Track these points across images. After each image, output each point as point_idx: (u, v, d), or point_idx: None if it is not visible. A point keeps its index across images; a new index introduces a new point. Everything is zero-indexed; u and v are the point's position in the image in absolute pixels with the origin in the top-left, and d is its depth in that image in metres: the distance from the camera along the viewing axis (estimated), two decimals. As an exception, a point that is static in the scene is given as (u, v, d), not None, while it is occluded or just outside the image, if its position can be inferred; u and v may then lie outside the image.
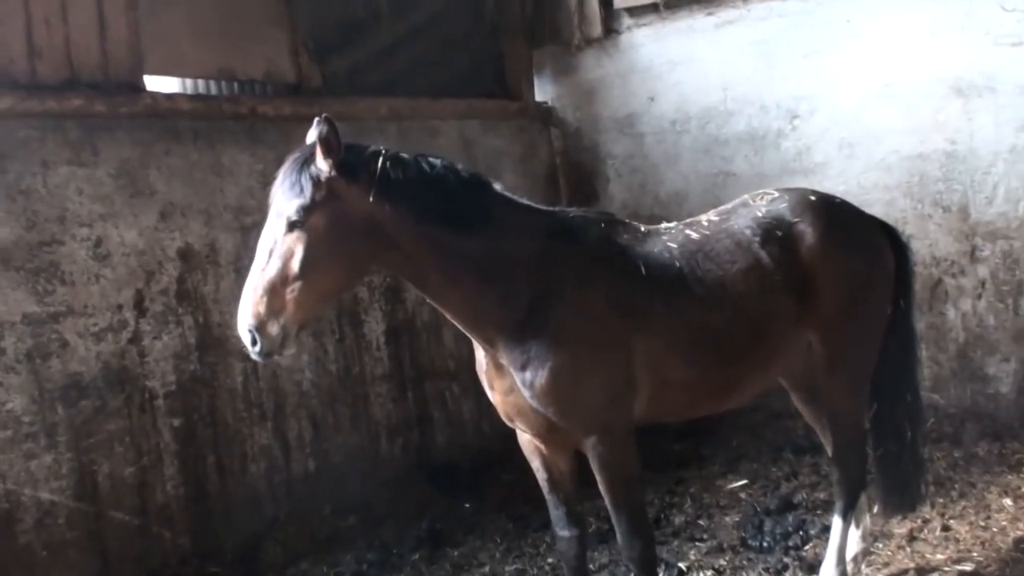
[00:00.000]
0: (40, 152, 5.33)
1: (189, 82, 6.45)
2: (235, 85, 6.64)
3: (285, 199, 3.76)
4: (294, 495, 6.40)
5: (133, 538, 5.59)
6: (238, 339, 5.88)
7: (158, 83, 6.15)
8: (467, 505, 6.77)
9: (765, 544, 5.80)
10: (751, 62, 7.95)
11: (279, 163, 6.20)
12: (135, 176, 5.73)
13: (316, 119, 3.78)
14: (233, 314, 5.87)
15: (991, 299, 7.21)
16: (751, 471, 6.97)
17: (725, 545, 5.85)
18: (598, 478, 4.23)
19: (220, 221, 6.14)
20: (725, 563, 5.62)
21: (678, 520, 6.25)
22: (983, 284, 7.21)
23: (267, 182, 6.20)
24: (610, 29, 8.52)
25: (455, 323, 4.12)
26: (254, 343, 3.69)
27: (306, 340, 6.53)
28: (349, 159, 3.80)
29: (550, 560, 5.88)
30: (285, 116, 6.47)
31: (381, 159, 3.85)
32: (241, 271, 5.95)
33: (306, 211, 3.71)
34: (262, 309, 3.67)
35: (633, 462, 4.27)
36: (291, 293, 3.70)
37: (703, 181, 8.11)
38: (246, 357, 5.91)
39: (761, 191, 4.95)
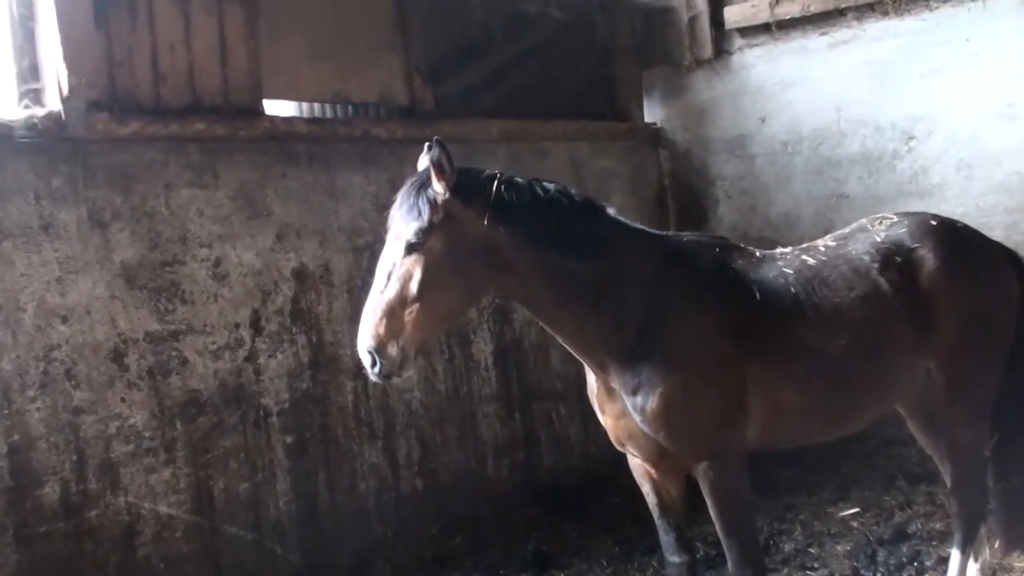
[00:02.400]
0: (163, 175, 5.50)
1: (305, 105, 6.59)
2: (349, 108, 6.75)
3: (403, 222, 3.80)
4: (402, 513, 6.47)
5: (246, 553, 5.70)
6: (350, 358, 6.09)
7: (276, 107, 6.29)
8: (574, 528, 6.74)
9: (879, 575, 5.67)
10: (865, 82, 7.84)
11: (392, 185, 6.38)
12: (253, 198, 5.87)
13: (428, 143, 3.81)
14: (345, 333, 6.06)
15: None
16: (863, 499, 6.82)
17: (837, 575, 5.72)
18: (709, 503, 4.18)
19: (334, 242, 6.26)
20: (837, 592, 5.52)
21: (787, 548, 6.13)
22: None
23: (380, 204, 6.39)
24: (721, 50, 8.48)
25: (566, 346, 4.12)
26: (374, 364, 3.72)
27: (416, 358, 6.59)
28: (464, 182, 3.84)
29: (658, 584, 5.83)
30: (398, 138, 6.58)
31: (496, 182, 3.88)
32: (353, 291, 6.12)
33: (424, 234, 3.74)
34: (382, 331, 3.70)
35: (744, 488, 4.21)
36: (410, 315, 3.74)
37: (815, 203, 7.99)
38: (357, 376, 6.10)
39: (880, 215, 4.85)
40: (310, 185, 6.16)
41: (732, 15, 8.34)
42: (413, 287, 3.75)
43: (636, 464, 4.44)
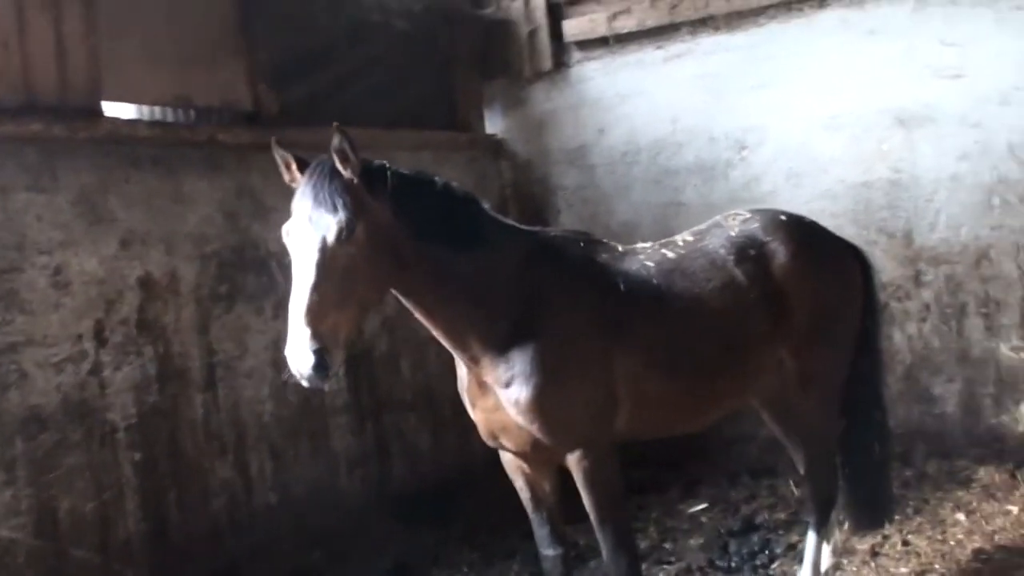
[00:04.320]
0: (-4, 178, 5.20)
1: (146, 109, 6.34)
2: (192, 113, 6.54)
3: (322, 214, 3.68)
4: (256, 530, 6.25)
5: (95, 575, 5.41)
6: (198, 370, 5.89)
7: (115, 109, 6.04)
8: (430, 537, 6.72)
9: (733, 564, 5.96)
10: (700, 95, 8.09)
11: (238, 192, 6.24)
12: (95, 203, 5.59)
13: (335, 132, 3.75)
14: (194, 344, 5.86)
15: (935, 322, 7.39)
16: (710, 495, 7.13)
17: (693, 567, 5.94)
18: (583, 493, 4.24)
19: (181, 250, 6.02)
20: (696, 583, 5.67)
21: (644, 544, 6.27)
22: (927, 308, 7.40)
23: (226, 211, 6.24)
24: (560, 63, 8.61)
25: (442, 341, 4.09)
26: (320, 366, 3.53)
27: (267, 371, 6.43)
28: (366, 170, 3.79)
29: (518, 588, 5.85)
30: (243, 144, 6.40)
31: (390, 172, 3.83)
32: (202, 300, 5.93)
33: (348, 226, 3.64)
34: (323, 329, 3.54)
35: (616, 477, 4.29)
36: (343, 310, 3.64)
37: (653, 211, 8.19)
38: (206, 388, 5.91)
39: (733, 212, 5.05)
40: (155, 190, 5.92)
41: (571, 29, 8.49)
42: (347, 281, 3.64)
43: (509, 459, 4.45)
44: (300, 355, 3.52)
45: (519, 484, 4.49)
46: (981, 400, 7.27)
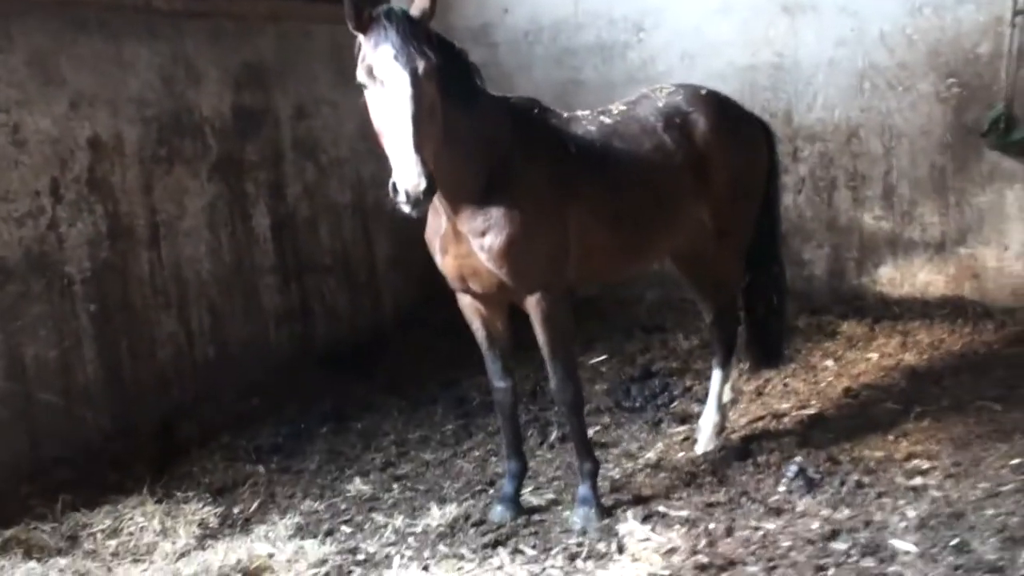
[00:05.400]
0: (-45, 36, 5.33)
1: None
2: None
3: (410, 55, 3.98)
4: (199, 379, 6.67)
5: (59, 418, 5.75)
6: (144, 228, 6.18)
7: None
8: (359, 388, 7.20)
9: (637, 404, 6.59)
10: (601, -23, 8.54)
11: (174, 58, 6.45)
12: (47, 64, 5.76)
13: None
14: (139, 204, 6.14)
15: (809, 194, 8.18)
16: (608, 349, 7.68)
17: (602, 407, 6.56)
18: (538, 330, 4.76)
19: (125, 113, 6.24)
20: (609, 420, 6.36)
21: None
22: (803, 181, 8.17)
23: (164, 76, 6.44)
24: (466, -60, 8.91)
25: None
26: (431, 189, 3.89)
27: (204, 231, 6.75)
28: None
29: (449, 427, 6.43)
30: (177, 11, 6.58)
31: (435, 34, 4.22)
32: (144, 162, 6.18)
33: (434, 65, 4.03)
34: (426, 155, 3.91)
35: (569, 318, 4.84)
36: (432, 141, 4.06)
37: (554, 89, 8.59)
38: (151, 246, 6.21)
39: (658, 86, 5.60)
40: (100, 54, 6.09)
41: (476, -92, 8.78)
42: (433, 115, 4.05)
43: (467, 303, 4.96)
44: (415, 179, 3.86)
45: (475, 325, 5.01)
46: (846, 264, 8.15)
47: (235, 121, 7.07)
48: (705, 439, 5.69)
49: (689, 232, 5.36)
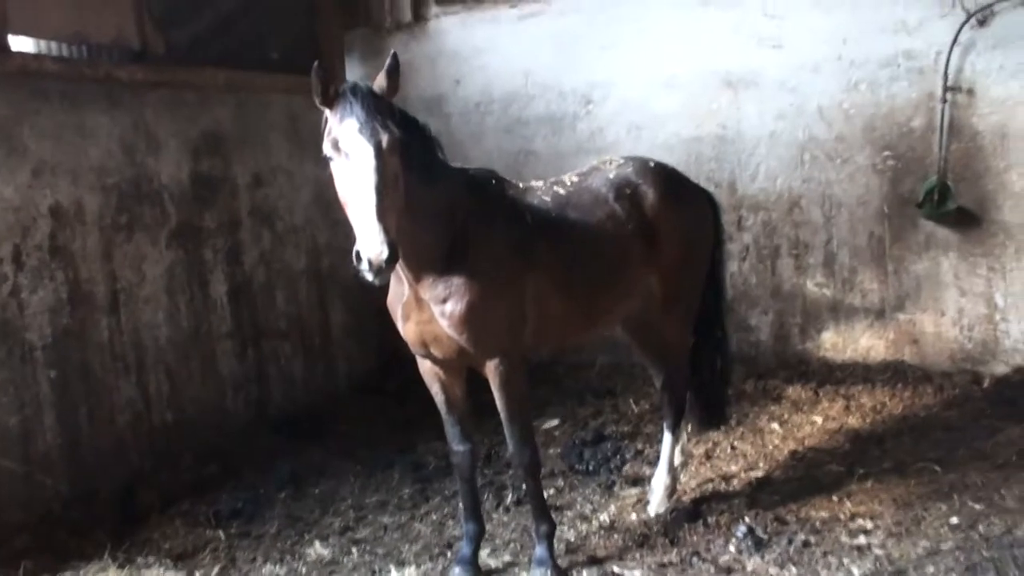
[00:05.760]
0: (-80, 108, 5.42)
1: (43, 44, 6.55)
2: (84, 49, 6.77)
3: (374, 129, 4.13)
4: (157, 445, 6.72)
5: (18, 485, 5.78)
6: (103, 295, 6.26)
7: (18, 43, 6.25)
8: (315, 453, 7.25)
9: (590, 468, 6.70)
10: (551, 52, 8.83)
11: (135, 127, 6.56)
12: (10, 134, 5.87)
13: (390, 59, 4.30)
14: (99, 271, 6.21)
15: (753, 261, 8.48)
16: (560, 414, 7.84)
17: (556, 471, 6.68)
18: (497, 395, 4.89)
19: (85, 181, 6.34)
20: (563, 483, 6.47)
21: (506, 454, 6.99)
22: (747, 249, 8.46)
23: (125, 145, 6.56)
24: (419, 16, 9.17)
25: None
26: (393, 257, 4.00)
27: (163, 297, 6.83)
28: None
29: (406, 491, 6.51)
30: (137, 81, 6.74)
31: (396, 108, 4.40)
32: (104, 229, 6.26)
33: (397, 138, 4.18)
34: (389, 225, 4.03)
35: (525, 383, 4.97)
36: (395, 212, 4.17)
37: (506, 158, 8.87)
38: (110, 312, 6.29)
39: (608, 158, 5.82)
40: (62, 124, 6.21)
41: (430, -17, 9.08)
42: (396, 187, 4.18)
43: (427, 368, 5.09)
44: (377, 247, 3.98)
45: (435, 389, 5.14)
46: (790, 329, 8.42)
47: (194, 189, 7.19)
48: (657, 501, 5.83)
49: (639, 299, 5.56)
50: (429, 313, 4.70)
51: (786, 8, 8.10)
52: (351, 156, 4.14)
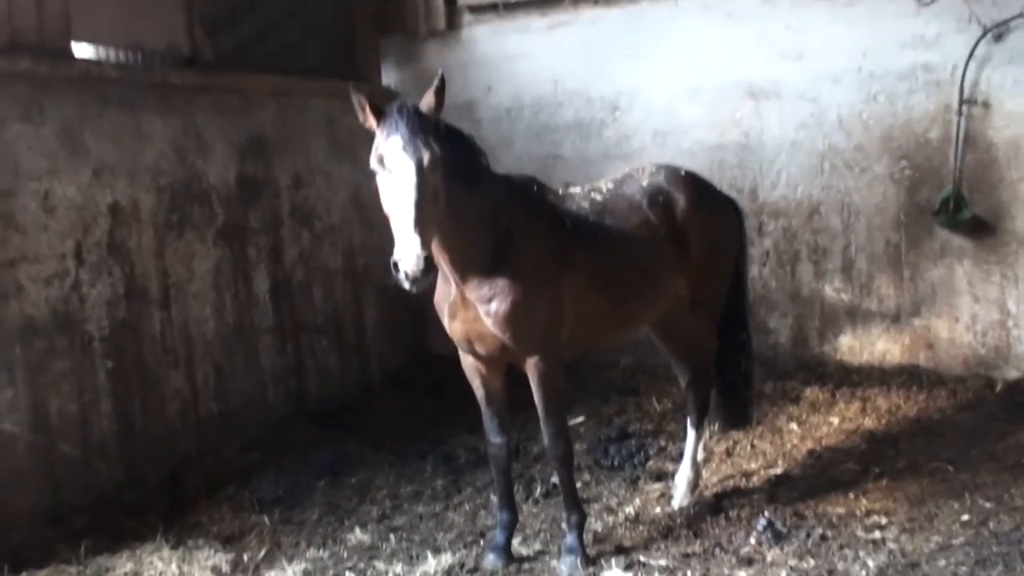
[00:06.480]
0: (-6, 109, 5.76)
1: (101, 50, 6.87)
2: (139, 55, 7.09)
3: (416, 147, 4.42)
4: (203, 434, 7.05)
5: (78, 469, 6.12)
6: (156, 289, 6.56)
7: (81, 50, 6.58)
8: (350, 444, 7.55)
9: (615, 463, 6.96)
10: (579, 60, 9.11)
11: (185, 129, 6.87)
12: (73, 136, 6.20)
13: (437, 79, 4.67)
14: (152, 267, 6.54)
15: (773, 266, 8.74)
16: (586, 411, 8.10)
17: (582, 466, 6.91)
18: (536, 390, 5.20)
19: (141, 181, 6.68)
20: (589, 477, 6.74)
21: (535, 449, 7.23)
22: (768, 254, 8.73)
23: (176, 147, 6.88)
24: (453, 24, 9.46)
25: (444, 262, 4.88)
26: (428, 269, 4.30)
27: (210, 293, 7.15)
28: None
29: (439, 482, 6.81)
30: (189, 86, 7.08)
31: (443, 122, 4.71)
32: (158, 228, 6.58)
33: (438, 156, 4.46)
34: (426, 238, 4.33)
35: (562, 378, 5.28)
36: (433, 225, 4.47)
37: (535, 163, 9.07)
38: (162, 306, 6.61)
39: (641, 166, 6.11)
40: (121, 126, 6.53)
41: (464, -6, 9.38)
42: (435, 201, 4.47)
43: (469, 363, 5.38)
44: (413, 259, 4.28)
45: (476, 384, 5.43)
46: (808, 332, 8.69)
47: (239, 189, 7.52)
48: (681, 494, 6.11)
49: (668, 301, 5.84)
50: (474, 312, 5.00)
51: (807, 21, 8.37)
52: (394, 172, 4.44)
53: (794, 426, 7.41)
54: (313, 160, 8.35)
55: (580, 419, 7.93)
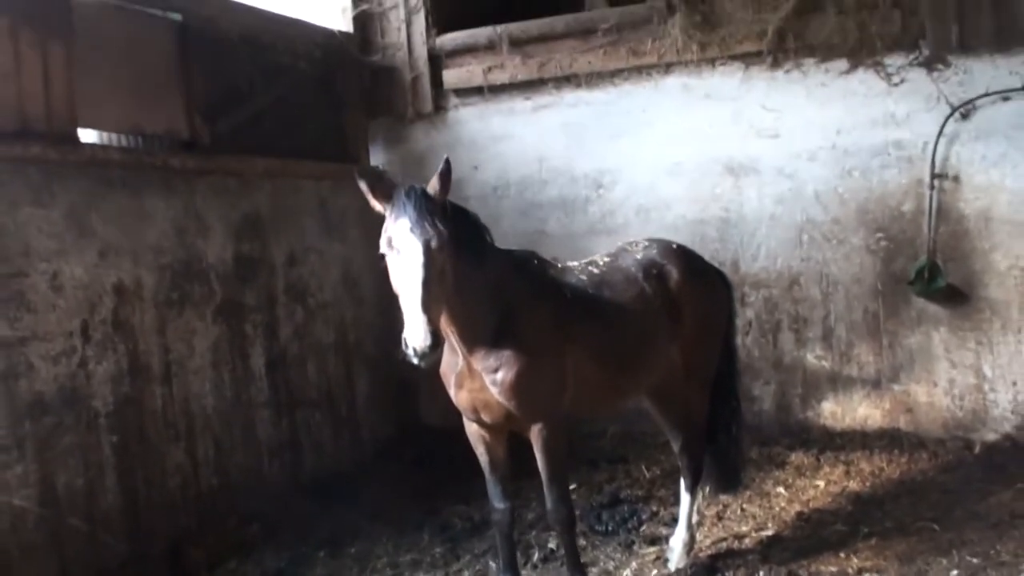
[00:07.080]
0: (7, 193, 5.94)
1: (104, 135, 7.08)
2: (139, 139, 7.31)
3: (424, 229, 4.60)
4: (203, 507, 7.14)
5: (84, 542, 6.19)
6: (157, 365, 6.72)
7: (84, 135, 6.79)
8: (347, 516, 7.65)
9: (609, 528, 7.12)
10: (563, 140, 9.46)
11: (185, 211, 7.08)
12: (80, 218, 6.38)
13: (443, 164, 4.81)
14: (154, 344, 6.69)
15: (756, 335, 8.99)
16: (576, 479, 8.21)
17: (576, 531, 7.03)
18: (539, 456, 5.37)
19: (143, 261, 6.85)
20: (584, 543, 6.86)
21: (529, 516, 7.42)
22: (750, 324, 8.98)
23: (177, 227, 7.07)
24: (439, 106, 9.78)
25: (452, 335, 5.07)
26: (435, 345, 4.45)
27: (209, 369, 7.29)
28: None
29: (437, 550, 6.92)
30: (189, 169, 7.30)
31: (450, 203, 4.92)
32: (159, 306, 6.74)
33: (445, 237, 4.64)
34: (433, 316, 4.49)
35: (565, 445, 5.45)
36: (440, 304, 4.64)
37: (521, 239, 9.26)
38: (163, 382, 6.74)
39: (634, 240, 6.37)
40: (124, 208, 6.73)
41: (450, 78, 9.68)
42: (442, 280, 4.64)
43: (474, 430, 5.55)
44: (422, 336, 4.43)
45: (480, 451, 5.60)
46: (791, 399, 8.92)
47: (236, 268, 7.71)
48: (677, 557, 6.26)
49: (663, 369, 6.05)
50: (480, 382, 5.18)
51: (783, 102, 8.75)
52: (402, 253, 4.62)
53: (781, 489, 7.60)
54: (306, 239, 8.57)
55: (572, 487, 8.03)
